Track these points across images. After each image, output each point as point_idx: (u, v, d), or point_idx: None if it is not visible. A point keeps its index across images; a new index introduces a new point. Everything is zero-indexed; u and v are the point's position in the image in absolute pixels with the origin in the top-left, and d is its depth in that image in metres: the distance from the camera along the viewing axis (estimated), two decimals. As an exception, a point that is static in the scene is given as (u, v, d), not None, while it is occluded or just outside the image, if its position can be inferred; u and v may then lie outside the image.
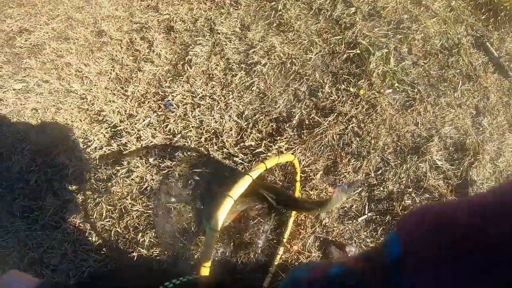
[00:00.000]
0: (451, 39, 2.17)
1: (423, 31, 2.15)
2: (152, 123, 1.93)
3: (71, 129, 2.12)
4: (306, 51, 2.03)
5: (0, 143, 2.31)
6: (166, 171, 1.80)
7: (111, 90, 2.09)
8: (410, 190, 1.74)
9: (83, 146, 2.05)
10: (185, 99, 1.94)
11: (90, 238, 1.84)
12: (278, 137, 1.80)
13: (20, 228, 1.94)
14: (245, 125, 1.85)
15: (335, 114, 1.83)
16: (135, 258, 1.71)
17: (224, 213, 1.03)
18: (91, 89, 2.13)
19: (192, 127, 1.86)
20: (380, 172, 1.78)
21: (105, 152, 1.97)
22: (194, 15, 2.25)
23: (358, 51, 2.02)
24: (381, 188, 1.75)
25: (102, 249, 1.78)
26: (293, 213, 1.66)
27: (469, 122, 1.95)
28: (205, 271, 0.98)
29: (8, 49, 2.79)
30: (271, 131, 1.84)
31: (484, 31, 2.25)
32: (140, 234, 1.76)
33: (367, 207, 1.73)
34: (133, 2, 2.42)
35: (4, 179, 2.18)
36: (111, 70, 2.16)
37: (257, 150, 1.77)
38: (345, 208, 1.73)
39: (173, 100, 1.94)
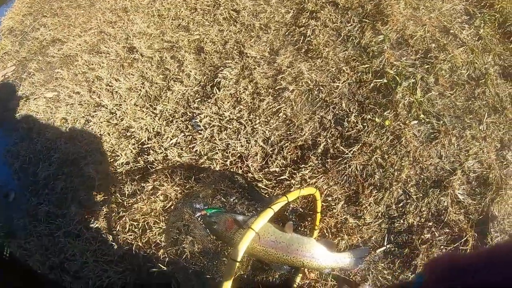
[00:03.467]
0: (479, 69, 2.15)
1: (450, 61, 2.14)
2: (179, 143, 1.99)
3: (100, 142, 2.19)
4: (334, 79, 2.05)
5: (29, 148, 2.39)
6: (190, 191, 1.84)
7: (140, 107, 2.16)
8: (430, 224, 1.71)
9: (110, 159, 2.11)
10: (212, 121, 1.99)
11: (111, 250, 1.88)
12: (303, 165, 1.82)
13: (43, 233, 2.01)
14: (271, 151, 1.88)
15: (360, 144, 1.85)
16: (155, 274, 1.75)
17: (246, 245, 1.07)
18: (121, 105, 2.19)
19: (219, 149, 1.91)
20: (401, 204, 1.78)
21: (131, 167, 2.02)
22: (224, 37, 2.30)
23: (385, 81, 2.03)
24: (401, 221, 1.74)
25: (123, 261, 1.82)
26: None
27: (493, 155, 1.90)
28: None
29: (41, 57, 2.90)
30: (295, 158, 1.86)
31: (512, 61, 2.21)
32: (161, 251, 1.79)
33: (386, 238, 1.72)
34: (165, 20, 2.49)
35: (30, 184, 2.26)
36: (141, 87, 2.22)
37: (281, 177, 1.80)
38: (365, 239, 1.73)
39: (200, 121, 1.99)
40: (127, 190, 1.97)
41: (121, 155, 2.06)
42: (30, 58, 2.96)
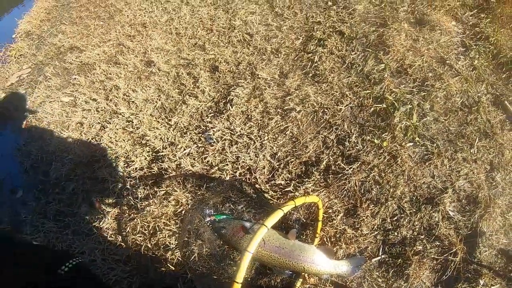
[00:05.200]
0: (472, 97, 2.32)
1: (445, 89, 2.32)
2: (192, 153, 2.13)
3: (114, 148, 2.30)
4: (337, 102, 2.24)
5: (41, 148, 2.48)
6: (201, 198, 1.97)
7: (156, 118, 2.30)
8: (422, 237, 1.86)
9: (125, 164, 2.23)
10: (224, 135, 2.15)
11: (120, 249, 1.97)
12: (306, 179, 1.98)
13: (51, 230, 2.08)
14: (277, 165, 2.04)
15: (359, 162, 2.01)
16: (162, 274, 1.84)
17: (259, 239, 1.22)
18: (137, 114, 2.33)
19: (229, 161, 2.06)
20: (395, 218, 1.92)
21: (145, 173, 2.15)
22: (238, 58, 2.48)
23: (385, 106, 2.21)
24: (395, 233, 1.88)
25: (131, 261, 1.91)
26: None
27: (483, 176, 2.05)
28: (237, 286, 1.16)
29: (58, 62, 3.02)
30: (300, 173, 2.02)
31: (504, 90, 2.38)
32: (169, 252, 1.89)
33: (381, 249, 1.86)
34: (182, 39, 2.66)
35: (40, 182, 2.34)
36: (157, 99, 2.37)
37: (286, 189, 1.95)
38: (361, 249, 1.86)
39: (213, 134, 2.15)
40: (140, 194, 2.07)
41: (136, 161, 2.19)
42: (46, 63, 3.08)
